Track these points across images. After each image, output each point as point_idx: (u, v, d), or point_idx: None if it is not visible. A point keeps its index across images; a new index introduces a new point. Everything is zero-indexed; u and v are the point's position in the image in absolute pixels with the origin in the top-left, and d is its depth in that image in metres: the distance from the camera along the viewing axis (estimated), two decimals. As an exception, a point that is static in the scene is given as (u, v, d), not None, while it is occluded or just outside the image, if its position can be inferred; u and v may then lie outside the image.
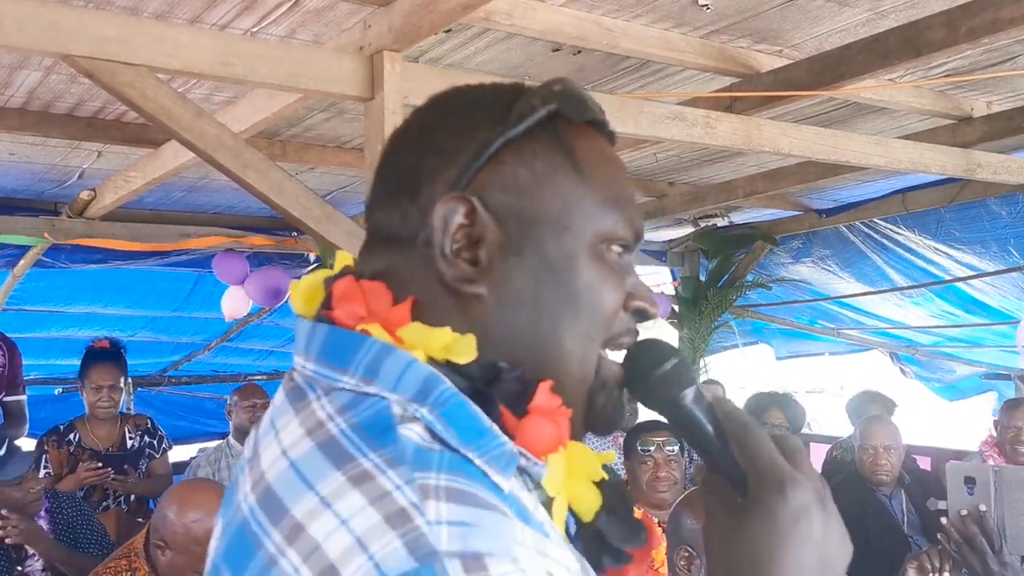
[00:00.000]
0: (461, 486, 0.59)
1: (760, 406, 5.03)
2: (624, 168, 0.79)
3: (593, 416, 0.74)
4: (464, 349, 0.67)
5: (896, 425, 3.78)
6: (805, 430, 5.78)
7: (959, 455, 4.88)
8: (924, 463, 4.87)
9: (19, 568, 3.00)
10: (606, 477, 0.73)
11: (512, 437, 0.66)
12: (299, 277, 0.77)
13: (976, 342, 6.06)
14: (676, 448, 2.95)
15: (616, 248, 0.74)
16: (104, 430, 4.14)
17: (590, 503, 0.72)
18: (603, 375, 0.74)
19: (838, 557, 0.71)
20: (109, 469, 3.97)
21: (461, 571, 0.54)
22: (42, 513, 3.10)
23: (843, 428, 5.76)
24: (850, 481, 3.78)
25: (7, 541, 2.88)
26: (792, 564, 0.68)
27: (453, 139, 0.73)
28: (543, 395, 0.69)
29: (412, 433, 0.63)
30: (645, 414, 1.04)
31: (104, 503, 4.00)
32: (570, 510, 0.72)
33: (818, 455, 5.64)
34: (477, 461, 0.62)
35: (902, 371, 6.89)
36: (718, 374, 6.65)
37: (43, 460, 3.94)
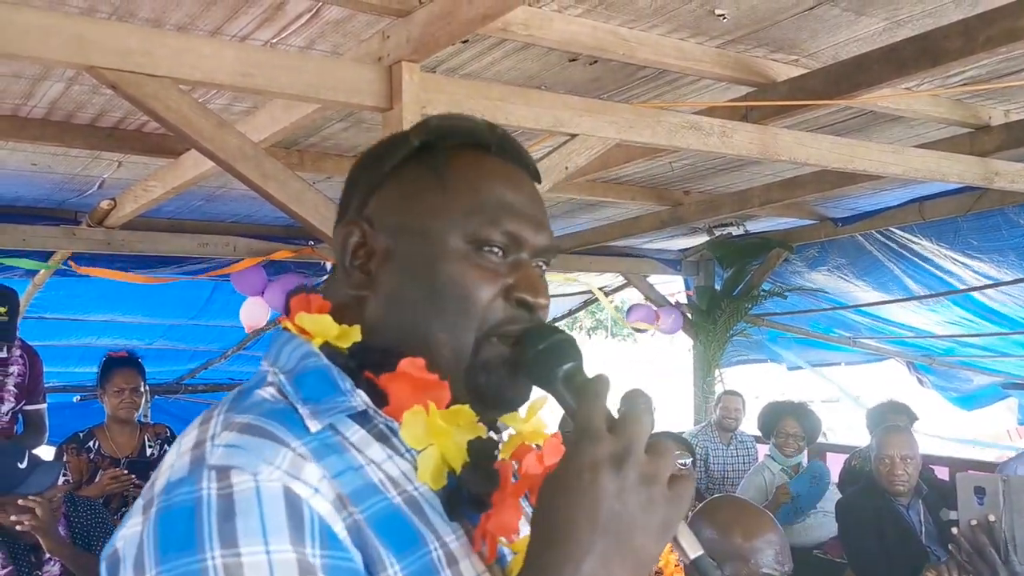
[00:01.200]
0: (258, 423, 0.76)
1: (775, 416, 5.02)
2: (507, 179, 0.90)
3: (476, 393, 0.85)
4: (348, 337, 0.84)
5: (913, 435, 3.76)
6: (821, 439, 5.76)
7: (976, 466, 4.85)
8: (941, 473, 4.85)
9: (38, 572, 3.01)
10: (465, 436, 0.84)
11: (384, 396, 0.82)
12: (316, 285, 0.95)
13: (993, 351, 6.02)
14: (688, 462, 2.92)
15: (493, 248, 0.86)
16: (124, 438, 4.16)
17: (457, 459, 0.82)
18: (483, 358, 0.85)
19: (639, 524, 0.71)
20: (132, 476, 4.00)
21: (214, 479, 0.72)
22: (59, 518, 3.11)
23: (860, 439, 5.74)
24: (868, 491, 3.76)
25: (18, 528, 2.90)
26: (563, 512, 0.71)
27: (363, 173, 0.93)
28: (405, 365, 0.82)
29: (264, 392, 0.82)
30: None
31: (122, 509, 4.03)
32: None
33: (835, 465, 5.62)
34: (301, 410, 0.78)
35: (919, 380, 6.86)
36: (734, 383, 6.63)
37: (63, 467, 3.97)
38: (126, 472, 3.99)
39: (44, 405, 4.27)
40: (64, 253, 4.71)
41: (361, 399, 0.81)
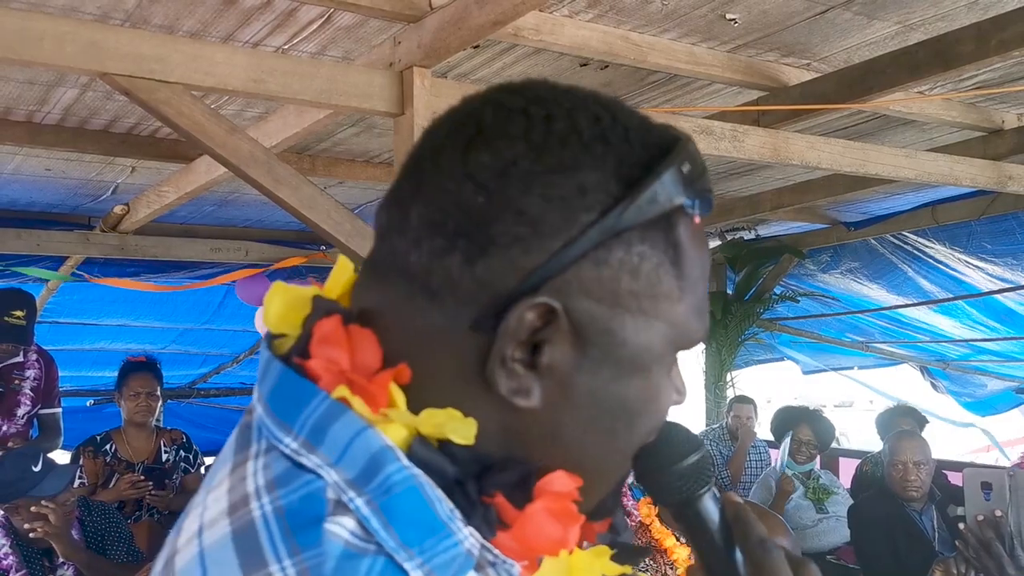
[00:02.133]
0: None
1: (788, 421, 5.00)
2: (707, 261, 0.63)
3: (596, 512, 0.63)
4: (463, 430, 0.55)
5: (926, 440, 3.74)
6: (834, 444, 5.73)
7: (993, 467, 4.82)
8: (955, 478, 4.82)
9: (52, 576, 3.03)
10: None
11: (505, 530, 0.56)
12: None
13: (1008, 356, 5.99)
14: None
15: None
16: (140, 442, 4.19)
17: None
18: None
19: None
20: (150, 483, 4.02)
21: None
22: (73, 522, 3.13)
23: (873, 443, 5.71)
24: (880, 496, 3.75)
25: (31, 535, 2.91)
26: None
27: (549, 210, 0.55)
28: (557, 483, 0.57)
29: (342, 530, 0.51)
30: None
31: (137, 513, 4.05)
32: None
33: (848, 470, 5.60)
34: (412, 572, 0.51)
35: (933, 385, 6.82)
36: (746, 388, 6.61)
37: (78, 470, 3.99)
38: (143, 478, 4.01)
39: (59, 409, 4.31)
40: (77, 259, 4.74)
41: (469, 535, 0.54)
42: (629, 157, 0.57)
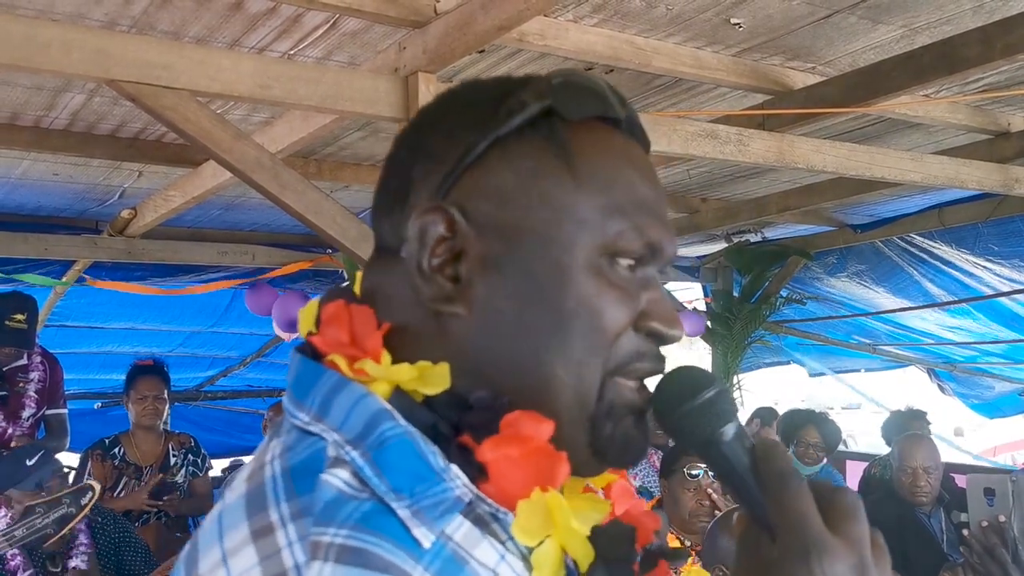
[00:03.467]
0: (359, 543, 0.53)
1: (795, 424, 5.00)
2: (643, 170, 0.69)
3: (600, 447, 0.65)
4: (435, 379, 0.61)
5: (935, 445, 3.72)
6: (841, 447, 5.72)
7: (996, 472, 4.81)
8: (962, 481, 4.81)
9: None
10: (587, 528, 0.64)
11: (479, 466, 0.60)
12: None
13: (1015, 357, 5.96)
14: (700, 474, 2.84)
15: (624, 261, 0.65)
16: (148, 445, 4.21)
17: (582, 554, 0.63)
18: (609, 401, 0.65)
19: None
20: (165, 498, 4.04)
21: None
22: (82, 527, 3.14)
23: (880, 445, 5.70)
24: (888, 499, 3.74)
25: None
26: None
27: (441, 140, 0.66)
28: (515, 422, 0.61)
29: (336, 479, 0.56)
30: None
31: (144, 516, 4.06)
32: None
33: (855, 473, 5.59)
34: (400, 511, 0.55)
35: (940, 388, 6.80)
36: (752, 390, 6.60)
37: (87, 473, 4.00)
38: (164, 500, 4.01)
39: (65, 410, 4.33)
40: (85, 263, 4.76)
41: (462, 483, 0.59)
42: (507, 88, 0.67)
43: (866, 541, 0.62)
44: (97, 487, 2.99)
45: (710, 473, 2.74)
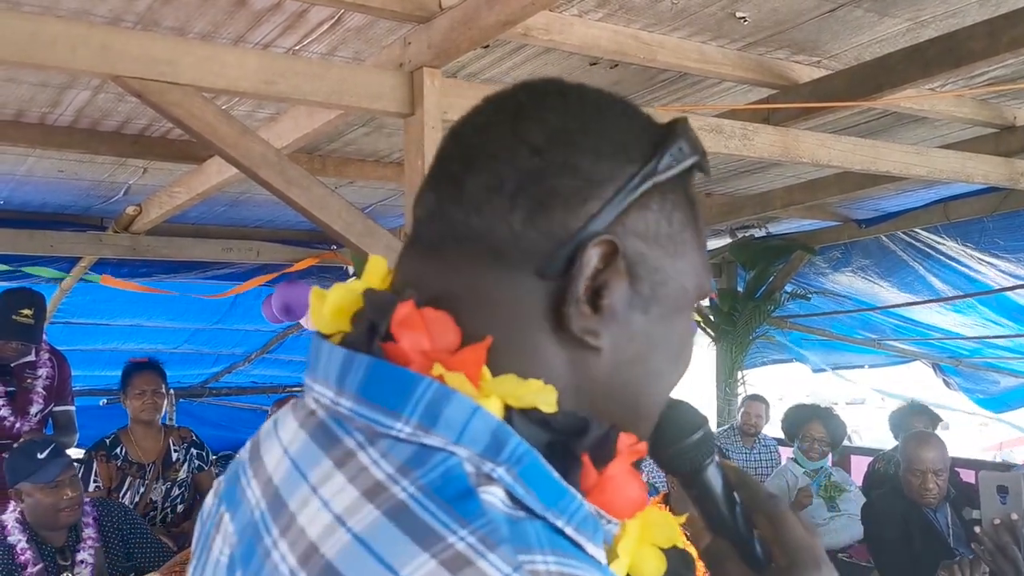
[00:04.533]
0: (572, 570, 0.51)
1: (800, 419, 4.99)
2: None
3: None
4: (546, 399, 0.59)
5: (943, 443, 3.69)
6: (845, 442, 5.72)
7: (1003, 467, 4.81)
8: (967, 476, 4.81)
9: (67, 574, 3.06)
10: (679, 544, 0.68)
11: (587, 494, 0.59)
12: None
13: (1020, 351, 5.96)
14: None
15: None
16: (149, 442, 4.20)
17: (653, 571, 0.66)
18: None
19: None
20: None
21: None
22: (90, 521, 3.16)
23: (885, 440, 5.70)
24: (894, 494, 3.73)
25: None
26: None
27: (599, 165, 0.62)
28: (626, 450, 0.62)
29: (495, 499, 0.53)
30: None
31: (150, 514, 4.06)
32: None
33: (860, 468, 5.58)
34: (568, 530, 0.55)
35: (946, 383, 6.80)
36: (757, 386, 6.60)
37: (93, 473, 4.01)
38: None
39: (72, 407, 4.33)
40: (90, 259, 4.77)
41: (587, 503, 0.58)
42: (650, 124, 0.66)
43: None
44: None
45: None
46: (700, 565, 0.75)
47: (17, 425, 3.97)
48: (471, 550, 0.49)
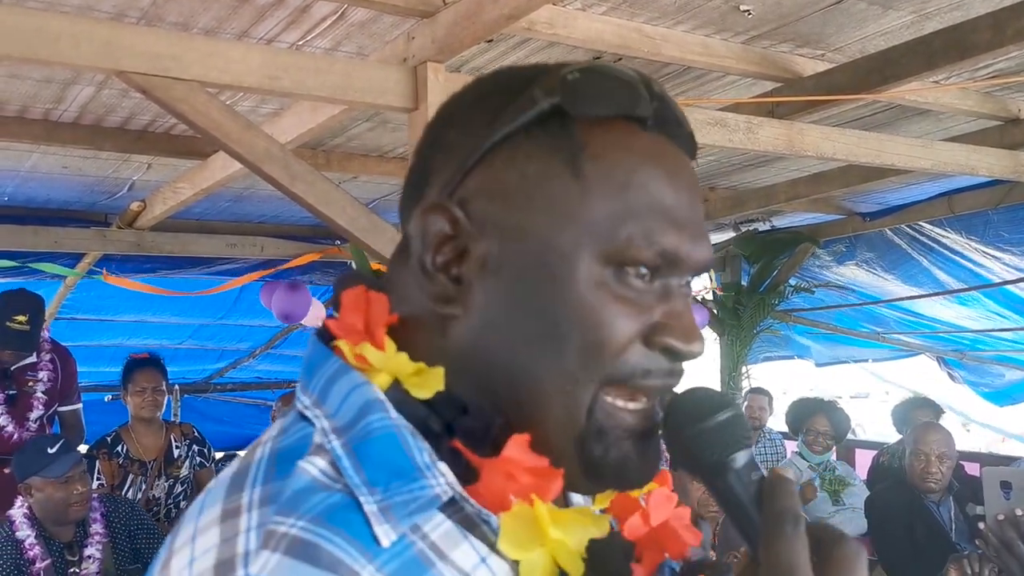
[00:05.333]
0: (312, 536, 0.52)
1: (804, 412, 4.99)
2: (669, 172, 0.63)
3: (591, 469, 0.62)
4: (430, 380, 0.60)
5: (951, 433, 3.70)
6: (849, 436, 5.72)
7: (1007, 461, 4.80)
8: (972, 469, 4.81)
9: (75, 570, 3.07)
10: (580, 552, 0.61)
11: (472, 468, 0.59)
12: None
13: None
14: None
15: (636, 271, 0.61)
16: (150, 439, 4.19)
17: (572, 566, 0.60)
18: (598, 422, 0.61)
19: None
20: None
21: None
22: (97, 517, 3.17)
23: (889, 434, 5.69)
24: (898, 487, 3.73)
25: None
26: None
27: (456, 134, 0.64)
28: (515, 447, 0.59)
29: (311, 468, 0.55)
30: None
31: (153, 511, 4.07)
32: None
33: (864, 461, 5.58)
34: (367, 507, 0.54)
35: (950, 376, 6.79)
36: (761, 380, 6.60)
37: (96, 471, 4.00)
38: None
39: (79, 406, 4.29)
40: (95, 255, 4.78)
41: (446, 482, 0.57)
42: (525, 85, 0.64)
43: None
44: None
45: None
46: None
47: (15, 435, 3.89)
48: (247, 504, 0.54)
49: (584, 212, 0.60)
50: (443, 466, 0.57)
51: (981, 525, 2.20)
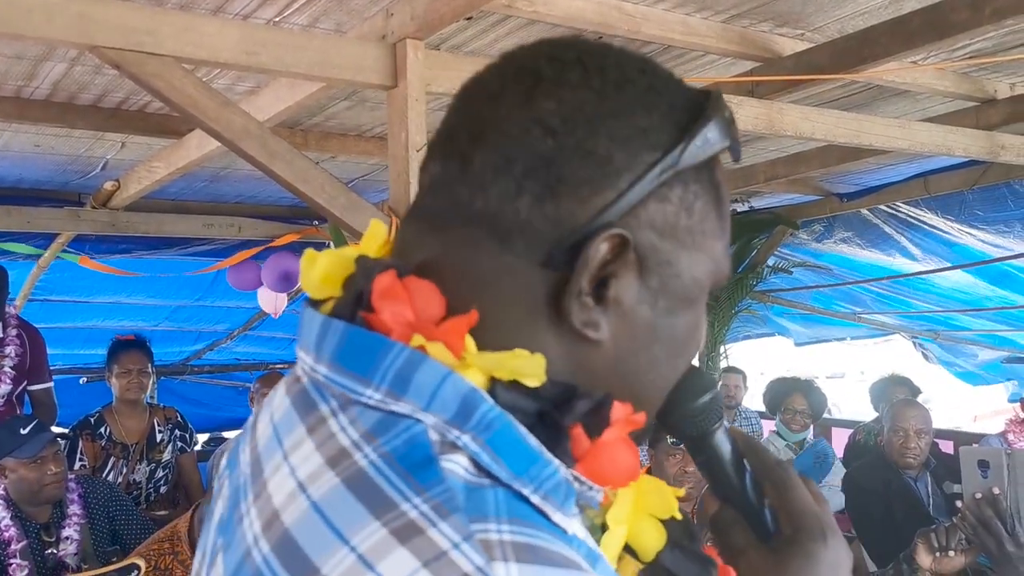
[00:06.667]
0: (528, 539, 0.49)
1: (781, 392, 5.03)
2: None
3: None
4: (533, 369, 0.56)
5: (928, 410, 3.76)
6: (826, 414, 5.78)
7: (978, 438, 4.87)
8: (946, 447, 4.87)
9: (52, 551, 3.05)
10: (678, 515, 0.65)
11: (577, 462, 0.57)
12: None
13: (999, 320, 6.00)
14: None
15: None
16: (133, 421, 4.17)
17: (653, 540, 0.64)
18: None
19: None
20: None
21: None
22: (75, 498, 3.15)
23: (865, 413, 5.76)
24: (876, 464, 3.78)
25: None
26: None
27: (616, 152, 0.58)
28: (621, 416, 0.59)
29: (457, 467, 0.52)
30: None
31: (133, 494, 4.05)
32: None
33: (840, 440, 5.64)
34: (533, 498, 0.52)
35: (925, 356, 6.86)
36: (738, 360, 6.65)
37: (78, 452, 3.97)
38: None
39: (51, 384, 4.23)
40: (68, 236, 4.72)
41: (561, 464, 0.55)
42: (677, 103, 0.61)
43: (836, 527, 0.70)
44: (143, 564, 2.96)
45: None
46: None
47: None
48: (423, 518, 0.49)
49: (719, 249, 0.64)
50: (546, 449, 0.55)
51: (959, 503, 2.23)
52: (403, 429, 0.53)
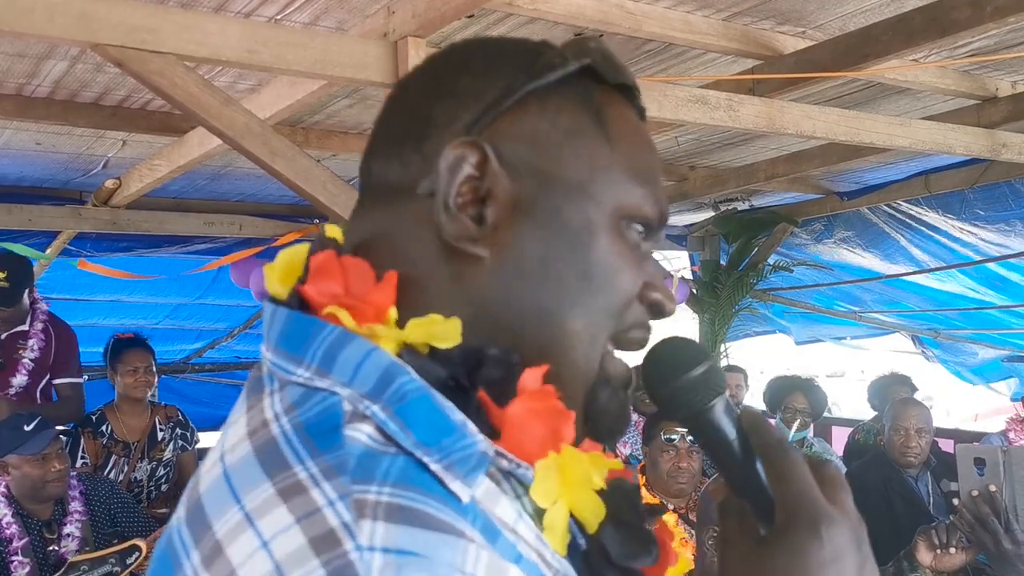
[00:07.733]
0: (406, 501, 0.50)
1: (782, 390, 5.02)
2: (653, 145, 0.71)
3: (593, 416, 0.64)
4: (447, 333, 0.58)
5: (928, 409, 3.76)
6: (826, 413, 5.77)
7: (979, 437, 4.87)
8: (946, 446, 4.87)
9: (54, 548, 3.05)
10: (604, 486, 0.62)
11: (496, 434, 0.57)
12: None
13: (1000, 323, 6.01)
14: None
15: (638, 227, 0.66)
16: (135, 419, 4.16)
17: (593, 514, 0.61)
18: (607, 370, 0.65)
19: None
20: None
21: None
22: (76, 495, 3.15)
23: (864, 412, 5.76)
24: (876, 462, 3.78)
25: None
26: None
27: (473, 81, 0.64)
28: (531, 383, 0.59)
29: (360, 435, 0.53)
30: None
31: (134, 492, 4.05)
32: (577, 520, 0.61)
33: (840, 439, 5.64)
34: (433, 466, 0.53)
35: (924, 355, 6.86)
36: (738, 359, 6.65)
37: (80, 450, 3.97)
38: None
39: (79, 379, 4.18)
40: (69, 234, 4.71)
41: (482, 439, 0.56)
42: (535, 48, 0.67)
43: (855, 512, 0.63)
44: (144, 546, 2.97)
45: (687, 438, 2.82)
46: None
47: None
48: (310, 479, 0.51)
49: (613, 166, 0.65)
50: (471, 423, 0.56)
51: (956, 501, 2.23)
52: (319, 401, 0.56)
